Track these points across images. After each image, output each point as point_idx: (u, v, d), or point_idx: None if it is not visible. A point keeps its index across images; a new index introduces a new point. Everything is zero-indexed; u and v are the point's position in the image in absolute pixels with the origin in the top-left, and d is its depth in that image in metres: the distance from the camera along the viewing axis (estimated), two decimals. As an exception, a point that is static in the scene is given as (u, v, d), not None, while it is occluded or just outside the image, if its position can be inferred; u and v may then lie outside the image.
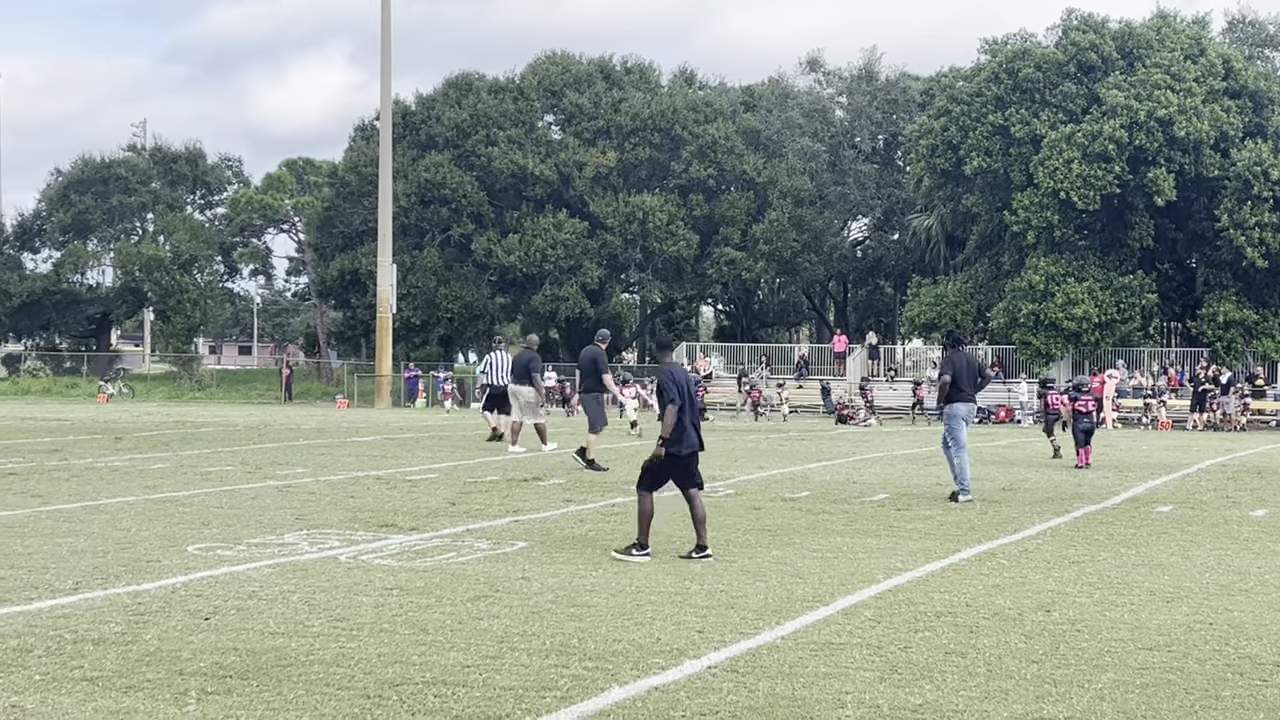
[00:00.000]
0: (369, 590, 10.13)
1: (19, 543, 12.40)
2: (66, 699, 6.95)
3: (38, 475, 19.43)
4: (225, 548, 12.26)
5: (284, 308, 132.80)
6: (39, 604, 9.45)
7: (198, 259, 74.74)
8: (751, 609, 9.56)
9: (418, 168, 63.26)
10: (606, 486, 18.51)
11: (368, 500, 16.46)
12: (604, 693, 7.22)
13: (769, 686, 7.41)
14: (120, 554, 11.79)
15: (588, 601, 9.76)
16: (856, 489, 18.60)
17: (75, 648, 8.07)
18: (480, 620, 9.04)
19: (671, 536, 13.08)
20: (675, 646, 8.32)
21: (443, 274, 63.55)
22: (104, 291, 77.89)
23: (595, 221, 62.45)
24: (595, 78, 66.90)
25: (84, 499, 16.28)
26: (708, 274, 63.81)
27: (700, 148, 62.75)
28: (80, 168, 76.34)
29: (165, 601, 9.60)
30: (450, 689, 7.25)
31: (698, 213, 62.71)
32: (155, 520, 14.19)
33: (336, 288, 66.87)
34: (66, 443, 26.80)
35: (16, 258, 77.36)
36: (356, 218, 65.41)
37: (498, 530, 13.74)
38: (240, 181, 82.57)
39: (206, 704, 6.90)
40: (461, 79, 68.02)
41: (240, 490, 17.51)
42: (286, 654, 7.98)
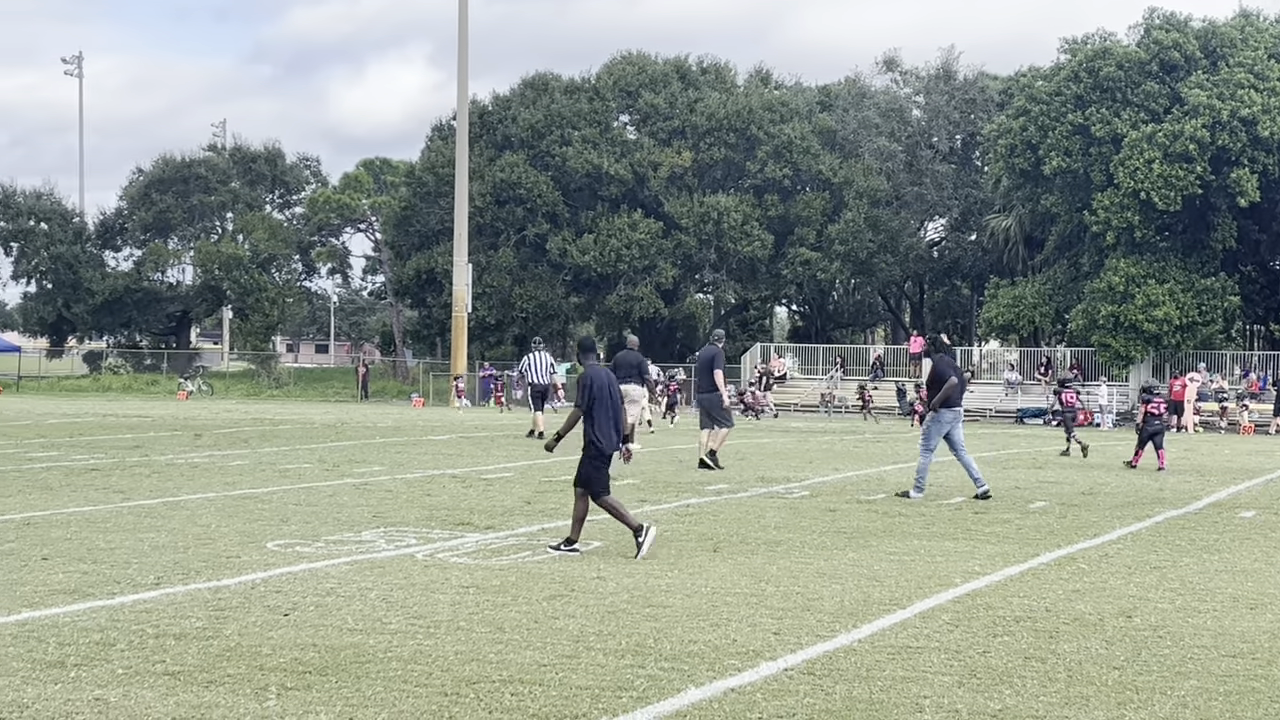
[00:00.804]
0: (445, 588, 10.17)
1: (102, 538, 12.58)
2: (149, 693, 7.03)
3: (120, 471, 19.70)
4: (304, 544, 12.37)
5: (360, 306, 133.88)
6: (121, 598, 9.58)
7: (276, 258, 75.53)
8: (828, 611, 9.51)
9: (494, 168, 63.55)
10: (681, 487, 18.50)
11: (443, 499, 16.54)
12: (680, 694, 7.20)
13: (846, 690, 7.36)
14: (201, 550, 11.93)
15: (663, 602, 9.75)
16: (932, 492, 18.46)
17: (157, 642, 8.16)
18: (556, 619, 9.06)
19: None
20: (751, 648, 8.29)
21: (517, 273, 63.80)
22: (184, 290, 78.87)
23: (670, 221, 62.44)
24: (671, 78, 66.90)
25: (165, 495, 16.49)
26: (782, 274, 63.63)
27: (776, 148, 62.58)
28: (161, 167, 77.37)
29: (245, 597, 9.69)
30: (527, 688, 7.26)
31: (773, 213, 62.56)
32: (235, 516, 14.34)
33: (412, 287, 67.30)
34: (147, 439, 27.16)
35: (99, 256, 78.53)
36: (433, 217, 65.80)
37: (573, 529, 13.74)
38: (318, 181, 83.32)
39: (286, 699, 6.95)
40: (537, 79, 68.25)
41: (318, 487, 17.66)
42: (365, 651, 8.03)
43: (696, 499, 16.95)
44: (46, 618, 8.85)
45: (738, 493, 17.86)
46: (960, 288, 71.16)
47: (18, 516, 14.14)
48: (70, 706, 6.74)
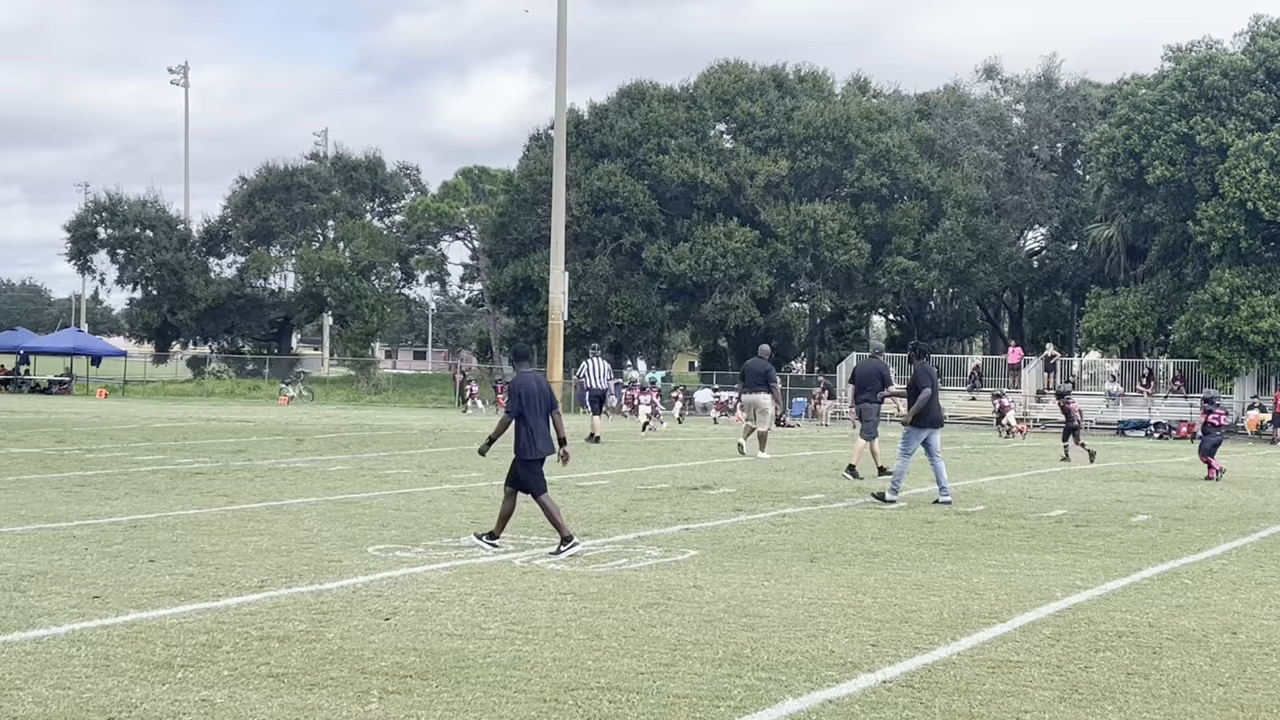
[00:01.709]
0: (543, 594, 10.24)
1: (207, 541, 12.80)
2: (254, 694, 7.14)
3: (224, 475, 20.02)
4: (404, 549, 12.50)
5: (458, 314, 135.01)
6: (226, 601, 9.74)
7: (376, 265, 76.36)
8: (926, 624, 9.45)
9: (591, 176, 63.79)
10: (777, 496, 18.45)
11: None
12: (778, 703, 7.20)
13: (945, 703, 7.31)
14: (303, 553, 12.10)
15: (760, 612, 9.74)
16: (1033, 504, 18.27)
17: (261, 644, 8.29)
18: (653, 627, 9.08)
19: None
20: (849, 659, 8.26)
21: (613, 281, 63.99)
22: (285, 296, 79.99)
23: (766, 230, 62.31)
24: (768, 86, 66.79)
25: (268, 499, 16.74)
26: (879, 283, 63.26)
27: (873, 156, 62.24)
28: (265, 175, 78.57)
29: (347, 601, 9.82)
30: (624, 695, 7.29)
31: (870, 221, 62.22)
32: (336, 521, 14.53)
33: (509, 294, 67.72)
34: (250, 444, 27.57)
35: (203, 263, 79.87)
36: (530, 225, 66.17)
37: (668, 538, 13.78)
38: (417, 189, 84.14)
39: (388, 703, 7.04)
40: (634, 88, 68.43)
41: (417, 493, 17.84)
42: (464, 656, 8.11)
43: (793, 508, 16.91)
44: (154, 619, 9.02)
45: (834, 503, 17.79)
46: (1060, 298, 70.23)
47: (125, 519, 14.43)
48: (177, 707, 6.86)
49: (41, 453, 23.90)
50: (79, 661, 7.74)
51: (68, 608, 9.34)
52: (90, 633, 8.52)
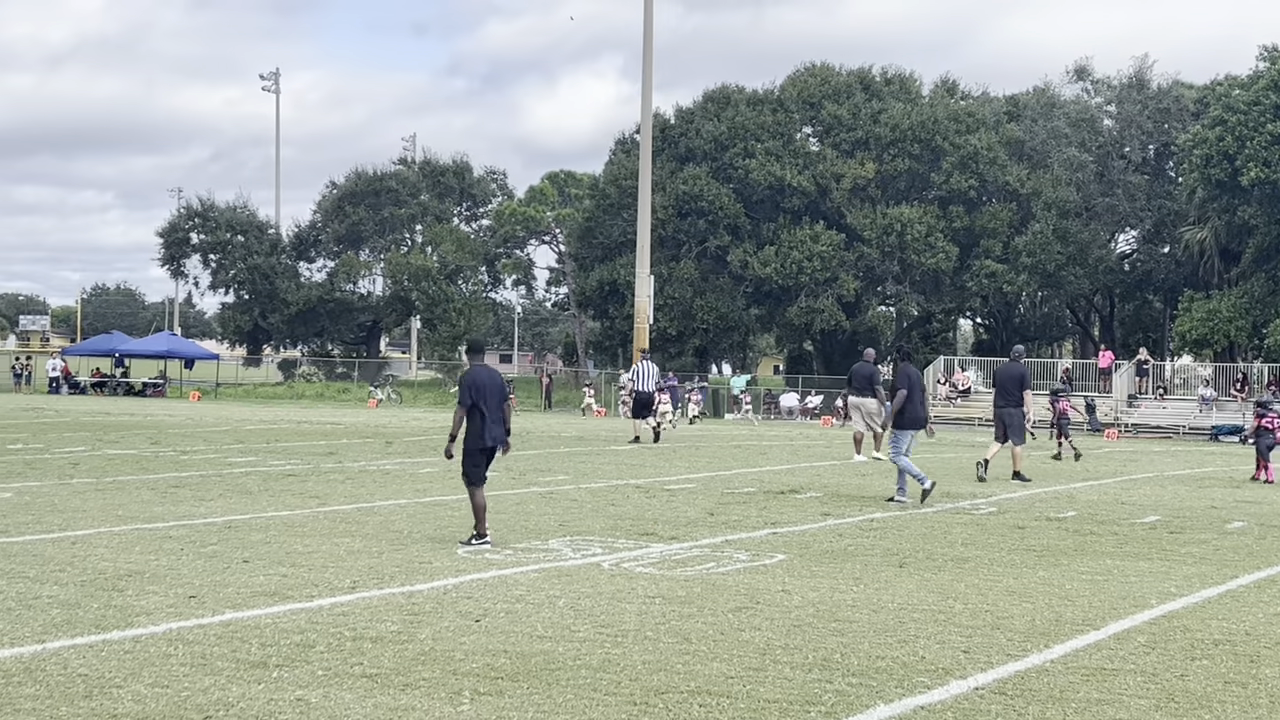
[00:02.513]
0: (632, 597, 10.26)
1: (300, 542, 12.95)
2: (348, 694, 7.22)
3: (315, 477, 20.25)
4: (493, 552, 12.58)
5: (544, 317, 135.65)
6: (320, 601, 9.85)
7: (463, 269, 76.88)
8: (1018, 630, 9.36)
9: (676, 180, 63.84)
10: (865, 501, 18.36)
11: (628, 509, 16.68)
12: (869, 709, 7.17)
13: (1039, 711, 7.25)
14: (394, 555, 12.21)
15: (849, 617, 9.70)
16: (1126, 510, 18.04)
17: (354, 645, 8.38)
18: (742, 631, 9.07)
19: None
20: (940, 666, 8.21)
21: (699, 285, 63.98)
22: (374, 300, 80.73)
23: (852, 233, 62.03)
24: (854, 89, 66.50)
25: (359, 501, 16.92)
26: (967, 286, 62.75)
27: (961, 158, 61.78)
28: (354, 180, 79.36)
29: (438, 602, 9.90)
30: (714, 699, 7.29)
31: (958, 224, 61.75)
32: (426, 522, 14.65)
33: (595, 298, 67.91)
34: (340, 446, 27.86)
35: (293, 267, 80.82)
36: (615, 229, 66.33)
37: (756, 542, 13.76)
38: (504, 194, 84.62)
39: (479, 704, 7.09)
40: (720, 92, 68.40)
41: (505, 496, 17.93)
42: (554, 658, 8.14)
43: (881, 513, 16.82)
44: (249, 619, 9.15)
45: (923, 508, 17.67)
46: (1152, 301, 69.29)
47: (220, 520, 14.65)
48: (273, 706, 6.95)
49: (137, 454, 24.30)
50: (176, 660, 7.87)
51: (165, 607, 9.50)
52: (187, 632, 8.66)
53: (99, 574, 10.83)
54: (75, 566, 11.19)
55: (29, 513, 14.93)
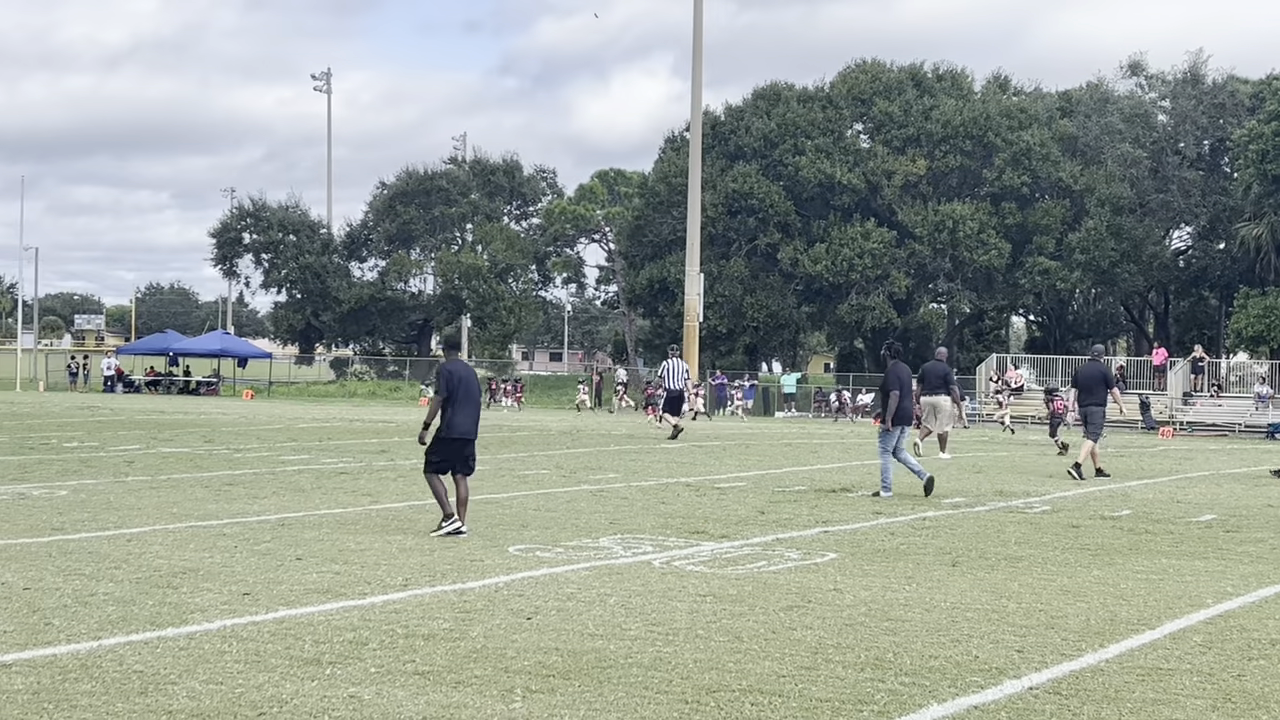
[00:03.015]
0: (683, 596, 10.24)
1: (352, 539, 13.02)
2: (400, 691, 7.24)
3: (367, 475, 20.36)
4: (543, 549, 12.60)
5: (594, 315, 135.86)
6: (372, 599, 9.89)
7: (513, 268, 77.09)
8: (1073, 630, 9.29)
9: (726, 178, 63.78)
10: (917, 500, 18.27)
11: (678, 506, 16.66)
12: (921, 709, 7.12)
13: (1094, 711, 7.18)
14: (445, 553, 12.25)
15: (902, 616, 9.65)
16: (1181, 509, 17.87)
17: (407, 642, 8.41)
18: (793, 630, 9.04)
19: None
20: (994, 665, 8.15)
21: (749, 283, 63.89)
22: (425, 298, 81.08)
23: (904, 230, 61.80)
24: (906, 85, 66.25)
25: (410, 498, 16.99)
26: (1020, 283, 62.40)
27: (1014, 154, 61.42)
28: (405, 180, 79.76)
29: (489, 600, 9.92)
30: (766, 698, 7.26)
31: (1010, 221, 61.40)
32: (476, 520, 14.68)
33: (645, 296, 67.96)
34: (392, 444, 27.98)
35: (345, 266, 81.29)
36: (665, 227, 66.35)
37: (807, 540, 13.72)
38: (554, 192, 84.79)
39: (531, 702, 7.09)
40: (770, 89, 68.29)
41: (556, 494, 17.97)
42: (606, 656, 8.14)
43: (933, 512, 16.73)
44: (302, 616, 9.19)
45: (975, 506, 17.58)
46: (1208, 298, 68.65)
47: (273, 517, 14.74)
48: (326, 703, 6.98)
49: (191, 452, 24.50)
50: (231, 657, 7.91)
51: (219, 604, 9.56)
52: (241, 629, 8.71)
53: (154, 571, 10.92)
54: (131, 564, 11.29)
55: (85, 510, 15.09)
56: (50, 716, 6.63)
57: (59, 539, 12.71)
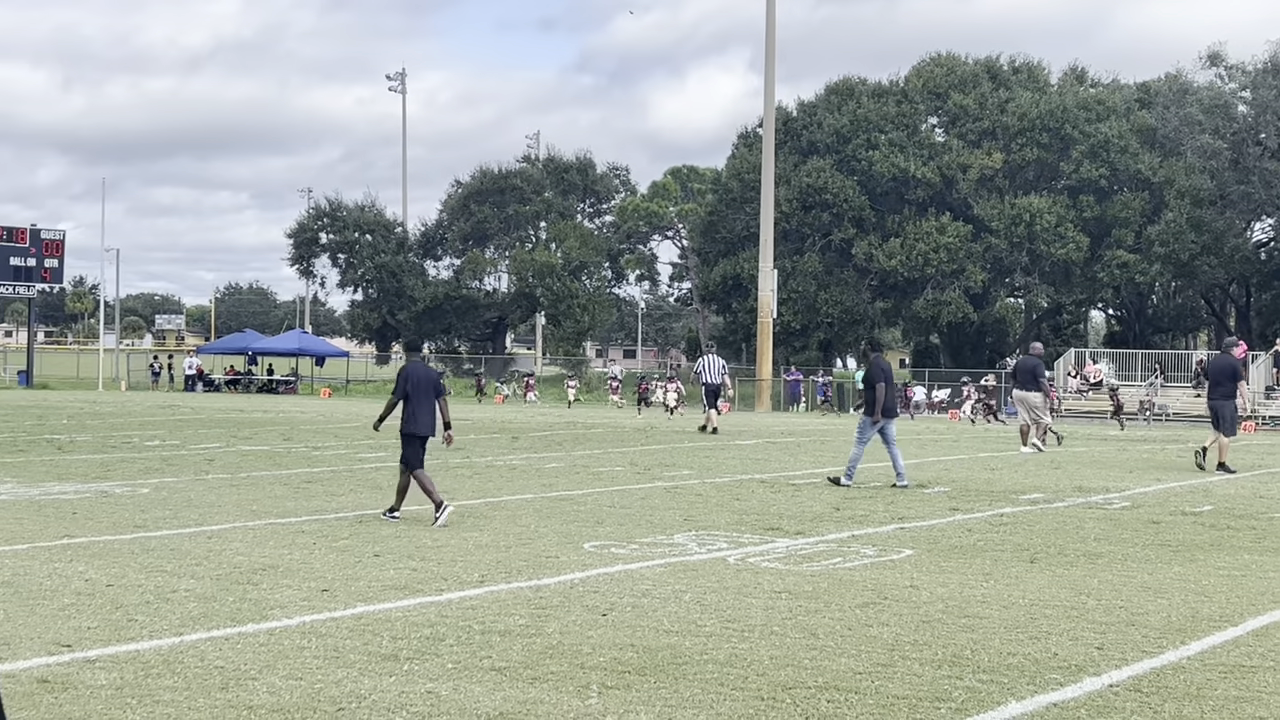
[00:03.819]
0: (758, 592, 10.23)
1: (429, 536, 13.11)
2: (477, 687, 7.28)
3: (443, 472, 20.46)
4: (618, 546, 12.62)
5: (667, 312, 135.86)
6: (449, 595, 9.96)
7: (587, 265, 77.26)
8: (1154, 627, 9.17)
9: (799, 173, 63.57)
10: (994, 496, 18.13)
11: (752, 503, 16.63)
12: (1000, 706, 7.06)
13: (1175, 709, 7.09)
14: (521, 549, 12.30)
15: (979, 613, 9.58)
16: (1264, 504, 17.60)
17: (483, 638, 8.45)
18: (869, 627, 9.00)
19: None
20: (1073, 663, 8.06)
21: (823, 278, 63.64)
22: (499, 297, 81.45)
23: (979, 224, 61.30)
24: (981, 78, 65.72)
25: (486, 495, 17.08)
26: (1098, 277, 61.71)
27: (1091, 147, 60.76)
28: (479, 179, 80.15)
29: (564, 596, 9.95)
30: (843, 695, 7.23)
31: (1088, 214, 60.75)
32: (552, 517, 14.74)
33: (718, 292, 67.87)
34: (468, 442, 28.12)
35: (420, 265, 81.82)
36: (738, 223, 66.23)
37: (883, 537, 13.65)
38: (627, 190, 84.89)
39: (607, 698, 7.10)
40: (843, 84, 68.00)
41: (630, 490, 17.99)
42: (681, 652, 8.14)
43: (1011, 508, 16.59)
44: (380, 612, 9.27)
45: (1054, 502, 17.40)
46: (1291, 290, 67.63)
47: (351, 514, 14.88)
48: (404, 699, 7.03)
49: (270, 450, 24.76)
50: (310, 653, 7.99)
51: (298, 600, 9.66)
52: (320, 625, 8.79)
53: (234, 568, 11.05)
54: (211, 560, 11.43)
55: (166, 508, 15.29)
56: (134, 711, 6.72)
57: (141, 536, 12.89)
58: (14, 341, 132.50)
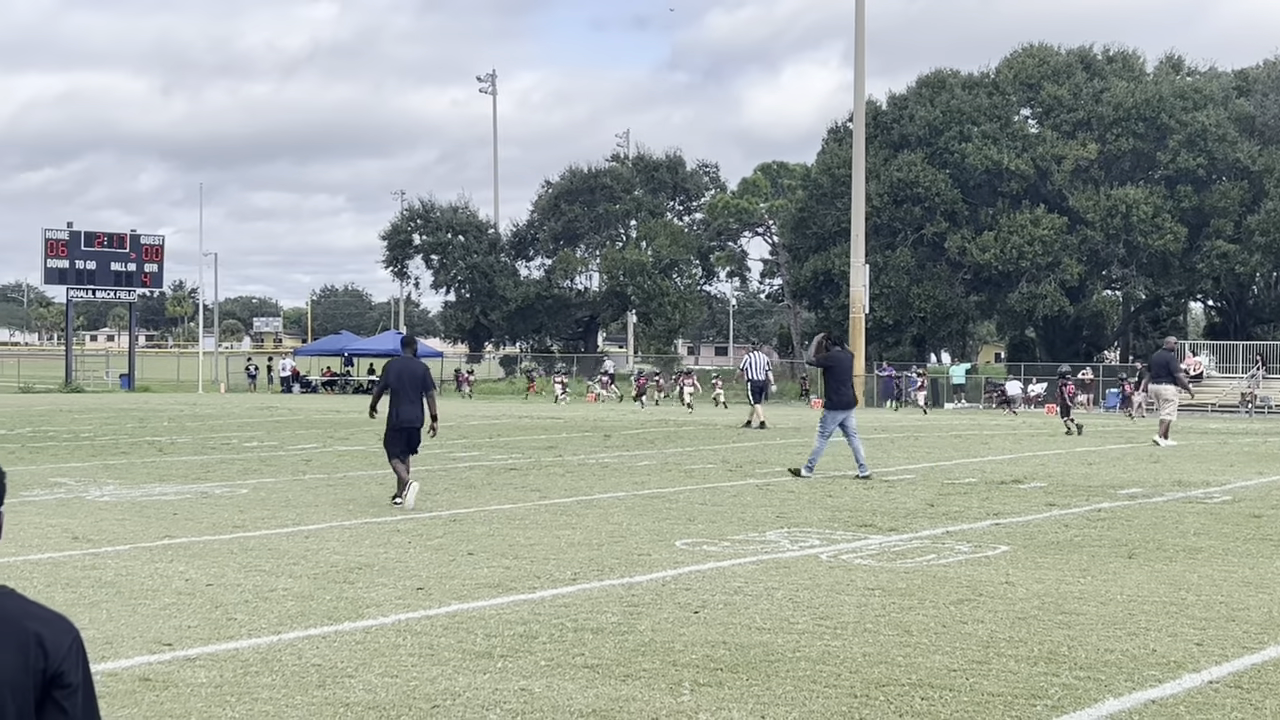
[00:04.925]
0: (850, 589, 10.18)
1: (521, 534, 13.19)
2: (570, 684, 7.32)
3: (536, 470, 20.59)
4: (710, 543, 12.62)
5: (758, 309, 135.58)
6: (541, 593, 10.01)
7: (677, 263, 77.27)
8: (1254, 622, 9.02)
9: (890, 167, 63.14)
10: (1091, 491, 17.90)
11: (845, 500, 16.56)
12: (1097, 703, 6.98)
13: (1276, 705, 6.96)
14: (613, 547, 12.34)
15: (1076, 609, 9.46)
16: (1370, 498, 17.22)
17: (576, 636, 8.49)
18: (964, 624, 8.93)
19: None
20: (1172, 659, 7.95)
21: (915, 273, 63.17)
22: (591, 296, 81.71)
23: (1075, 216, 60.54)
24: (1074, 68, 64.88)
25: (578, 494, 17.15)
26: (1197, 268, 60.71)
27: (1189, 136, 59.77)
28: (569, 178, 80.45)
29: (656, 594, 9.97)
30: (937, 692, 7.18)
31: (1186, 204, 59.77)
32: (644, 515, 14.77)
33: (810, 288, 67.58)
34: (560, 440, 28.26)
35: (512, 265, 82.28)
36: (829, 219, 65.91)
37: (978, 533, 13.53)
38: (716, 187, 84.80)
39: (700, 695, 7.11)
40: (934, 77, 67.45)
41: (722, 487, 17.98)
42: (773, 650, 8.13)
43: (1109, 503, 16.37)
44: (473, 610, 9.34)
45: (1152, 497, 17.15)
46: (1401, 279, 66.08)
47: (445, 513, 15.00)
48: (498, 696, 7.09)
49: (366, 450, 25.01)
50: (405, 650, 8.07)
51: (393, 599, 9.76)
52: (415, 623, 8.88)
53: (331, 567, 11.19)
54: (308, 559, 11.58)
55: (265, 508, 15.52)
56: (233, 709, 6.83)
57: (240, 536, 13.09)
58: (116, 345, 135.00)
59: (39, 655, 2.69)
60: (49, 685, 2.70)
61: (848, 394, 20.00)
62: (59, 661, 2.71)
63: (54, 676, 2.70)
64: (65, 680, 2.71)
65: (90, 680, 2.77)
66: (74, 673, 2.72)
